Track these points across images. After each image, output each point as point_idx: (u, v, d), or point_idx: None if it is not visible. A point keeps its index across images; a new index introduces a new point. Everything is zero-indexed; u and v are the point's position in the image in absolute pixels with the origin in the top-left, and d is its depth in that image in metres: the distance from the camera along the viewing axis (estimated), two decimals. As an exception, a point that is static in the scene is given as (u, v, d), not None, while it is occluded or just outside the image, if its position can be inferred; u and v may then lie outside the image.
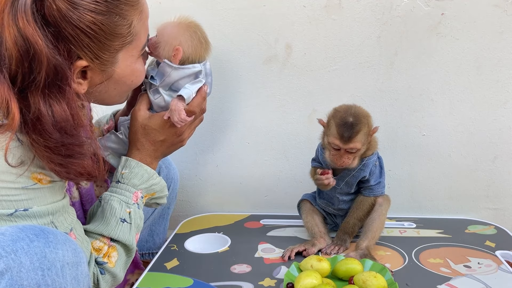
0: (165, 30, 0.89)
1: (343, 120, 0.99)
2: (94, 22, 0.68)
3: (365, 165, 1.06)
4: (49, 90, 0.65)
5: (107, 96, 0.81)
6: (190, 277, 0.96)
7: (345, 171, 1.07)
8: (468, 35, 1.20)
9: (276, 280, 0.94)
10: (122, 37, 0.73)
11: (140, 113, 0.89)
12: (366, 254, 1.01)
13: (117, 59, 0.75)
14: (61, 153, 0.66)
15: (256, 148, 1.35)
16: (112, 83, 0.78)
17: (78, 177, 0.71)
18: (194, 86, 0.89)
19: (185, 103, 0.88)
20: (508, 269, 0.97)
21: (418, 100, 1.26)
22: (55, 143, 0.65)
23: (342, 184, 1.08)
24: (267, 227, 1.24)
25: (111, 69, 0.75)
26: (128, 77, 0.80)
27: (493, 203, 1.32)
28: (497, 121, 1.25)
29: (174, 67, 0.88)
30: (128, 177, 0.85)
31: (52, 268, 0.58)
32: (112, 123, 1.01)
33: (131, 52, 0.77)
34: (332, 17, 1.22)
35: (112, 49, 0.73)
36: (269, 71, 1.28)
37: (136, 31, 0.75)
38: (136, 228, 0.85)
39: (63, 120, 0.66)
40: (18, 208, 0.66)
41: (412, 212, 1.33)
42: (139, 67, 0.82)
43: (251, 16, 1.25)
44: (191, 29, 0.89)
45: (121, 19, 0.71)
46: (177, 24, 0.90)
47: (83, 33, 0.68)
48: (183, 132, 0.91)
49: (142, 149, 0.89)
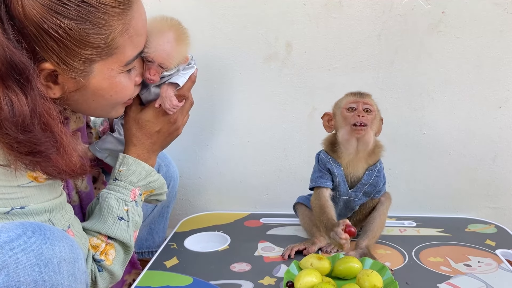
0: (166, 47, 0.81)
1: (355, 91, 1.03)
2: (61, 25, 0.64)
3: (379, 170, 1.04)
4: (6, 83, 0.61)
5: (87, 107, 0.77)
6: (190, 276, 0.96)
7: (361, 182, 1.03)
8: (468, 34, 1.20)
9: (276, 279, 0.94)
10: (97, 48, 0.68)
11: (131, 108, 0.88)
12: (366, 253, 1.00)
13: (91, 69, 0.70)
14: (17, 150, 0.63)
15: (256, 147, 1.35)
16: (89, 94, 0.74)
17: (58, 174, 0.69)
18: (187, 72, 0.88)
19: (176, 88, 0.87)
20: (508, 267, 0.97)
21: (418, 99, 1.26)
22: (9, 139, 0.63)
23: (360, 195, 1.05)
24: (267, 225, 1.24)
25: (84, 79, 0.70)
26: (106, 91, 0.74)
27: (493, 202, 1.32)
28: (498, 119, 1.25)
29: (174, 69, 0.86)
30: (125, 174, 0.84)
31: (49, 265, 0.58)
32: (107, 124, 1.01)
33: (110, 65, 0.72)
34: (333, 15, 1.22)
35: (84, 58, 0.68)
36: (269, 69, 1.28)
37: (117, 45, 0.70)
38: (134, 226, 0.85)
39: (21, 114, 0.62)
40: (14, 206, 0.66)
41: (412, 211, 1.32)
42: (122, 82, 0.76)
43: (251, 15, 1.24)
44: (183, 31, 0.85)
45: (96, 28, 0.67)
46: (172, 36, 0.82)
47: (47, 35, 0.64)
48: (176, 119, 0.90)
49: (138, 144, 0.88)
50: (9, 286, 0.54)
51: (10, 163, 0.64)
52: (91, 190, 0.95)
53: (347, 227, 0.87)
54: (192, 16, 1.25)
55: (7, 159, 0.65)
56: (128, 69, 0.76)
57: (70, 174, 0.71)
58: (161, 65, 0.82)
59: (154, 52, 0.80)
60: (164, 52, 0.80)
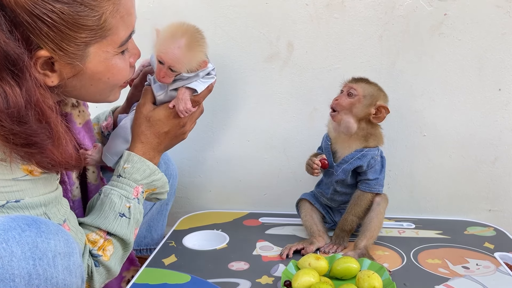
0: (175, 52, 0.83)
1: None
2: (53, 10, 0.63)
3: (364, 154, 1.06)
4: (0, 75, 0.61)
5: (85, 92, 0.77)
6: (188, 273, 0.96)
7: (343, 158, 1.07)
8: (470, 36, 1.20)
9: (273, 278, 0.94)
10: (91, 30, 0.68)
11: (145, 107, 0.89)
12: (364, 253, 1.00)
13: (87, 53, 0.70)
14: (13, 142, 0.63)
15: (256, 146, 1.35)
16: (86, 79, 0.74)
17: (53, 167, 0.69)
18: (207, 81, 0.90)
19: (193, 94, 0.89)
20: (506, 270, 0.97)
21: (419, 100, 1.26)
22: (5, 131, 0.62)
23: (339, 171, 1.08)
24: (266, 225, 1.24)
25: (81, 63, 0.70)
26: (103, 74, 0.74)
27: (492, 204, 1.32)
28: (498, 122, 1.25)
29: (193, 74, 0.87)
30: (130, 172, 0.85)
31: (44, 258, 0.58)
32: (111, 119, 1.00)
33: (105, 48, 0.72)
34: (334, 15, 1.22)
35: (79, 42, 0.68)
36: (270, 69, 1.28)
37: (110, 26, 0.70)
38: (135, 223, 0.85)
39: (16, 106, 0.62)
40: (9, 199, 0.66)
41: (411, 212, 1.32)
42: (118, 64, 0.76)
43: (253, 14, 1.24)
44: (197, 39, 0.86)
45: (88, 9, 0.66)
46: (184, 42, 0.83)
47: (41, 21, 0.63)
48: (185, 124, 0.91)
49: (146, 142, 0.88)
50: (3, 278, 0.54)
51: (6, 156, 0.64)
52: (99, 184, 0.95)
53: (323, 159, 1.06)
54: (194, 14, 1.25)
55: (3, 152, 0.65)
56: (122, 50, 0.76)
57: (65, 166, 0.71)
58: (171, 68, 0.84)
59: (164, 54, 0.82)
60: (173, 56, 0.82)
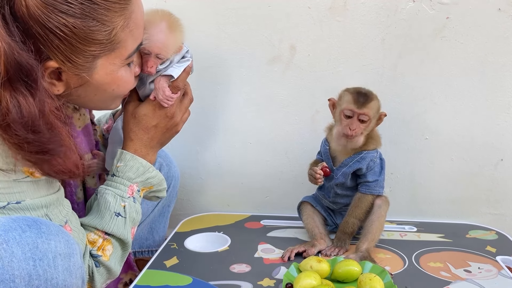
0: (160, 37, 0.83)
1: (358, 89, 1.05)
2: (66, 24, 0.64)
3: (363, 157, 1.06)
4: (14, 86, 0.62)
5: (89, 100, 0.78)
6: (189, 276, 0.96)
7: (343, 162, 1.08)
8: (472, 40, 1.20)
9: (275, 280, 0.94)
10: (100, 44, 0.69)
11: (130, 104, 0.89)
12: (366, 256, 1.00)
13: (95, 65, 0.71)
14: (27, 150, 0.64)
15: (258, 149, 1.35)
16: (91, 89, 0.75)
17: (57, 174, 0.70)
18: (182, 65, 0.89)
19: (170, 80, 0.88)
20: (508, 274, 0.96)
21: (421, 104, 1.26)
22: (19, 140, 0.63)
23: (339, 174, 1.08)
24: (268, 227, 1.24)
25: (88, 75, 0.71)
26: (108, 85, 0.76)
27: (494, 208, 1.32)
28: (500, 126, 1.25)
29: (168, 61, 0.87)
30: (123, 170, 0.84)
31: (44, 259, 0.58)
32: (111, 122, 1.01)
33: (112, 60, 0.73)
34: (337, 18, 1.22)
35: (88, 54, 0.69)
36: (272, 71, 1.28)
37: (119, 39, 0.71)
38: (131, 222, 0.84)
39: (30, 116, 0.63)
40: (10, 200, 0.66)
41: (413, 215, 1.32)
42: (124, 76, 0.77)
43: (255, 17, 1.25)
44: (174, 20, 0.86)
45: (99, 24, 0.67)
46: (165, 25, 0.83)
47: (53, 34, 0.64)
48: (174, 114, 0.89)
49: (135, 139, 0.88)
50: (3, 279, 0.54)
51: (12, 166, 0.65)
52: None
53: (324, 167, 1.06)
54: (197, 16, 1.26)
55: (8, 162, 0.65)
56: (128, 62, 0.77)
57: (73, 173, 0.71)
58: (158, 55, 0.84)
59: (149, 43, 0.81)
60: (158, 41, 0.82)
